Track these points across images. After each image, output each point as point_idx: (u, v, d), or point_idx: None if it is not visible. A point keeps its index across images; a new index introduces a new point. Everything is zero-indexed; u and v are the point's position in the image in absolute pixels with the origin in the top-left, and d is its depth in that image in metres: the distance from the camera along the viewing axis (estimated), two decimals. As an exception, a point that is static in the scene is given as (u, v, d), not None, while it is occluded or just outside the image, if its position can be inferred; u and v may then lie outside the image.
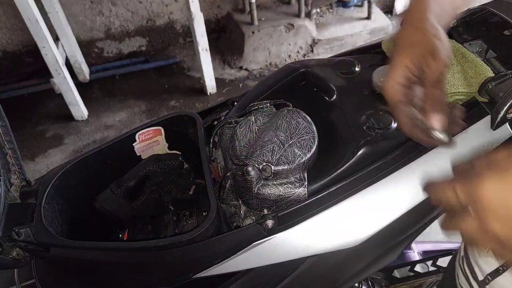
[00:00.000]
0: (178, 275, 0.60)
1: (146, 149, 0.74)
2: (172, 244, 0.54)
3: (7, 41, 2.55)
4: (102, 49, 2.76)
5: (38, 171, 2.16)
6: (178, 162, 0.74)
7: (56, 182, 0.62)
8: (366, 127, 0.63)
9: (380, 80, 0.68)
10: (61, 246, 0.56)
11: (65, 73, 2.20)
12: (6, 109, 0.57)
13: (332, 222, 0.59)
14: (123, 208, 0.69)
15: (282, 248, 0.58)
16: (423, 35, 0.51)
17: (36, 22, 1.94)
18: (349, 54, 0.81)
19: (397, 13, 3.00)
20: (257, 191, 0.61)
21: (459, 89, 0.63)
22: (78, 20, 2.58)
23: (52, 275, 0.66)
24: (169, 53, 2.83)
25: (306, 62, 0.77)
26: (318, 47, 2.70)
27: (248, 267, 0.60)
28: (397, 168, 0.60)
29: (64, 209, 0.64)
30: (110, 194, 0.68)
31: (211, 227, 0.55)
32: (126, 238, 0.69)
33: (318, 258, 0.60)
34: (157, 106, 2.47)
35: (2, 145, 0.58)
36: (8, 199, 0.59)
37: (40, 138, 2.34)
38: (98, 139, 2.31)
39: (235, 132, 0.68)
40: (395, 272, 1.11)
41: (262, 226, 0.56)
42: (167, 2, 2.70)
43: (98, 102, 2.52)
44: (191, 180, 0.76)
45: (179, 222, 0.69)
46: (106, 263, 0.57)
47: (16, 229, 0.55)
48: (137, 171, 0.71)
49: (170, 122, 0.72)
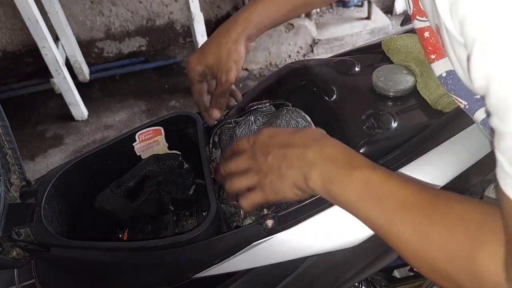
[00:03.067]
0: (178, 275, 0.60)
1: (146, 149, 0.74)
2: (172, 244, 0.54)
3: (7, 41, 2.54)
4: (102, 49, 2.75)
5: (38, 171, 2.16)
6: (178, 162, 0.74)
7: (56, 182, 0.62)
8: (366, 127, 0.63)
9: (380, 80, 0.68)
10: (61, 246, 0.56)
11: (65, 73, 2.20)
12: (6, 109, 0.57)
13: (332, 222, 0.59)
14: (123, 208, 0.69)
15: (282, 248, 0.58)
16: (227, 53, 0.66)
17: (36, 22, 1.94)
18: (349, 54, 0.81)
19: (397, 13, 3.00)
20: (257, 191, 0.61)
21: (459, 89, 0.63)
22: (78, 20, 2.58)
23: (52, 275, 0.66)
24: (169, 53, 2.83)
25: (306, 62, 0.77)
26: (318, 47, 2.70)
27: (248, 267, 0.60)
28: (397, 168, 0.60)
29: (64, 209, 0.64)
30: (110, 194, 0.68)
31: (211, 227, 0.55)
32: (126, 238, 0.69)
33: (318, 258, 0.60)
34: (157, 106, 2.47)
35: (2, 145, 0.58)
36: (8, 199, 0.59)
37: (40, 138, 2.34)
38: (98, 139, 2.31)
39: (235, 132, 0.68)
40: (395, 272, 1.10)
41: (262, 226, 0.56)
42: (167, 2, 2.70)
43: (98, 102, 2.52)
44: (191, 180, 0.76)
45: (179, 222, 0.69)
46: (106, 263, 0.57)
47: (16, 229, 0.55)
48: (137, 171, 0.71)
49: (170, 122, 0.72)
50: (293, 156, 0.51)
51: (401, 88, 0.67)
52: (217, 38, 0.68)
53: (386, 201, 0.45)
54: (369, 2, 2.70)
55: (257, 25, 0.68)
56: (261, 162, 0.54)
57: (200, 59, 0.68)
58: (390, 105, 0.67)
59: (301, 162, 0.50)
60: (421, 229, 0.42)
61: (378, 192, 0.46)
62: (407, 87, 0.67)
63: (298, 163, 0.51)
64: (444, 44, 0.40)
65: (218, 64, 0.67)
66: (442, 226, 0.41)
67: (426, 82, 0.66)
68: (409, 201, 0.44)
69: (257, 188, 0.55)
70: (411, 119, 0.65)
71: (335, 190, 0.48)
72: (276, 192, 0.53)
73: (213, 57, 0.67)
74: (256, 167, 0.54)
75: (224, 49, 0.66)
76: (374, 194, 0.46)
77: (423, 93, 0.67)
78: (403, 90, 0.67)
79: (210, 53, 0.68)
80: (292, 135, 0.54)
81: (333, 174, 0.48)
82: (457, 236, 0.40)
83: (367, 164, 0.49)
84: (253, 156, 0.55)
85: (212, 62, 0.68)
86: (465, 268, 0.39)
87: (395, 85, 0.67)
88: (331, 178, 0.48)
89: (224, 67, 0.67)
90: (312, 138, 0.52)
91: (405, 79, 0.68)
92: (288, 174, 0.51)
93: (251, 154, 0.55)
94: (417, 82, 0.68)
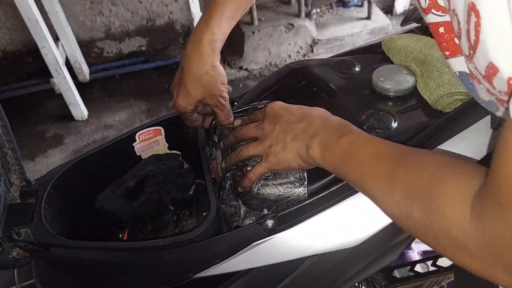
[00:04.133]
0: (178, 275, 0.60)
1: (146, 149, 0.74)
2: (172, 244, 0.54)
3: (7, 41, 2.54)
4: (102, 49, 2.75)
5: (38, 171, 2.16)
6: (178, 162, 0.74)
7: (56, 182, 0.62)
8: (366, 127, 0.63)
9: (380, 80, 0.68)
10: (61, 246, 0.56)
11: (65, 73, 2.20)
12: (6, 109, 0.57)
13: (332, 222, 0.59)
14: (123, 208, 0.69)
15: (282, 248, 0.58)
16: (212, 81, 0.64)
17: (36, 22, 1.94)
18: (349, 54, 0.81)
19: (397, 13, 3.00)
20: (257, 191, 0.61)
21: (459, 89, 0.63)
22: (78, 20, 2.58)
23: (52, 275, 0.66)
24: (169, 53, 2.83)
25: (306, 62, 0.77)
26: (318, 47, 2.70)
27: (248, 267, 0.60)
28: (397, 168, 0.60)
29: (64, 209, 0.64)
30: (110, 194, 0.68)
31: (211, 227, 0.55)
32: (126, 238, 0.69)
33: (318, 258, 0.60)
34: (157, 106, 2.47)
35: (2, 145, 0.58)
36: (8, 199, 0.59)
37: (40, 138, 2.34)
38: (98, 139, 2.31)
39: (235, 132, 0.68)
40: (395, 272, 1.11)
41: (262, 226, 0.56)
42: (167, 2, 2.70)
43: (98, 102, 2.52)
44: (191, 180, 0.76)
45: (179, 222, 0.69)
46: (106, 263, 0.57)
47: (16, 229, 0.55)
48: (137, 171, 0.71)
49: (170, 122, 0.72)
50: (298, 129, 0.56)
51: (401, 88, 0.67)
52: (192, 71, 0.65)
53: (362, 155, 0.50)
54: (369, 2, 2.70)
55: (222, 39, 0.66)
56: (268, 130, 0.59)
57: (187, 99, 0.66)
58: (390, 105, 0.67)
59: (305, 134, 0.56)
60: (388, 176, 0.45)
61: (358, 150, 0.51)
62: (407, 87, 0.67)
63: (302, 135, 0.56)
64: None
65: (209, 94, 0.65)
66: (405, 170, 0.44)
67: (426, 82, 0.66)
68: (382, 154, 0.48)
69: (262, 158, 0.59)
70: (411, 119, 0.65)
71: (328, 155, 0.53)
72: (280, 161, 0.57)
73: (200, 91, 0.65)
74: (263, 135, 0.59)
75: (208, 79, 0.65)
76: (354, 152, 0.51)
77: (423, 93, 0.67)
78: (403, 90, 0.67)
79: (196, 89, 0.65)
80: (301, 110, 0.59)
81: (327, 140, 0.54)
82: (418, 175, 0.42)
83: (357, 131, 0.54)
84: (261, 124, 0.60)
85: (202, 95, 0.66)
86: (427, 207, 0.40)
87: (395, 85, 0.67)
88: (326, 144, 0.53)
89: (216, 93, 0.65)
90: (317, 114, 0.58)
91: (405, 79, 0.68)
92: (292, 145, 0.56)
93: (260, 123, 0.60)
94: (417, 82, 0.68)
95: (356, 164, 0.50)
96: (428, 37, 0.75)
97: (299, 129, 0.56)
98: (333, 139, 0.53)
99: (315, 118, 0.57)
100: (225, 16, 0.65)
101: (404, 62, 0.71)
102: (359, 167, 0.49)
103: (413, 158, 0.46)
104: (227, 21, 0.65)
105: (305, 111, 0.59)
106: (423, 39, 0.74)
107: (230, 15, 0.65)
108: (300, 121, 0.57)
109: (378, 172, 0.47)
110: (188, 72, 0.65)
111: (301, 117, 0.58)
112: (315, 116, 0.57)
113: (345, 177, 0.52)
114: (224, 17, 0.64)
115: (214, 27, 0.64)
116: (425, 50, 0.70)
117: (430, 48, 0.71)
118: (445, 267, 1.08)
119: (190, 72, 0.65)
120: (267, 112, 0.60)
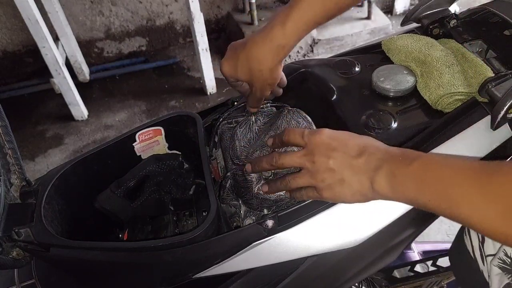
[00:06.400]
0: (178, 275, 0.60)
1: (146, 149, 0.74)
2: (172, 244, 0.54)
3: (7, 41, 2.54)
4: (102, 49, 2.75)
5: (38, 171, 2.16)
6: (178, 162, 0.74)
7: (56, 182, 0.62)
8: (366, 127, 0.63)
9: (380, 80, 0.68)
10: (61, 246, 0.56)
11: (65, 73, 2.20)
12: (6, 109, 0.57)
13: (332, 222, 0.59)
14: (123, 208, 0.69)
15: (282, 248, 0.58)
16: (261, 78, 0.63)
17: (36, 22, 1.94)
18: (349, 54, 0.81)
19: (397, 13, 3.00)
20: (257, 191, 0.61)
21: (459, 89, 0.63)
22: (78, 20, 2.58)
23: (52, 275, 0.66)
24: (169, 53, 2.83)
25: (306, 62, 0.77)
26: (318, 47, 2.69)
27: (248, 267, 0.60)
28: (397, 168, 0.60)
29: (64, 209, 0.64)
30: (110, 194, 0.68)
31: (211, 227, 0.55)
32: (126, 238, 0.69)
33: (318, 258, 0.60)
34: (157, 106, 2.47)
35: (2, 145, 0.58)
36: (8, 199, 0.58)
37: (40, 138, 2.34)
38: (98, 139, 2.31)
39: (235, 132, 0.68)
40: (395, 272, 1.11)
41: (262, 226, 0.56)
42: (167, 2, 2.70)
43: (98, 102, 2.52)
44: (191, 180, 0.76)
45: (179, 222, 0.70)
46: (106, 263, 0.57)
47: (16, 229, 0.55)
48: (137, 171, 0.71)
49: (170, 122, 0.72)
50: (359, 163, 0.52)
51: (401, 88, 0.67)
52: (251, 57, 0.62)
53: (443, 178, 0.46)
54: (369, 2, 2.70)
55: (290, 49, 0.63)
56: (320, 163, 0.54)
57: (231, 72, 0.65)
58: (390, 105, 0.67)
59: (367, 168, 0.51)
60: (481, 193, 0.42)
61: (435, 173, 0.47)
62: (407, 87, 0.67)
63: (364, 170, 0.51)
64: None
65: (253, 83, 0.65)
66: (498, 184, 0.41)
67: (426, 82, 0.66)
68: (464, 172, 0.45)
69: (312, 188, 0.56)
70: (411, 119, 0.65)
71: (399, 187, 0.49)
72: (336, 197, 0.54)
73: (246, 76, 0.64)
74: (314, 168, 0.54)
75: (258, 75, 0.63)
76: (431, 176, 0.47)
77: (423, 93, 0.67)
78: (403, 90, 0.67)
79: (243, 71, 0.64)
80: (355, 141, 0.54)
81: (396, 171, 0.49)
82: None
83: (424, 154, 0.50)
84: (309, 154, 0.55)
85: (245, 79, 0.65)
86: None
87: (395, 85, 0.67)
88: (395, 175, 0.49)
89: (260, 88, 0.65)
90: (375, 146, 0.53)
91: (405, 79, 0.68)
92: (352, 181, 0.52)
93: (307, 153, 0.55)
94: (417, 82, 0.68)
95: (437, 189, 0.46)
96: (428, 37, 0.75)
97: (360, 164, 0.52)
98: (401, 168, 0.49)
99: (375, 149, 0.52)
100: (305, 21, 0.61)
101: (404, 62, 0.71)
102: (443, 190, 0.46)
103: (495, 168, 0.43)
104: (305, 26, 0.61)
105: (361, 142, 0.54)
106: (423, 39, 0.74)
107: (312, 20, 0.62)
108: (359, 155, 0.52)
109: (469, 191, 0.43)
110: (246, 54, 0.62)
111: (359, 149, 0.53)
112: (374, 147, 0.53)
113: (425, 205, 0.48)
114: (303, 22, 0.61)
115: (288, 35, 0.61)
116: (425, 50, 0.70)
117: (430, 48, 0.71)
118: (445, 267, 1.08)
119: (249, 56, 0.62)
120: (316, 142, 0.55)
